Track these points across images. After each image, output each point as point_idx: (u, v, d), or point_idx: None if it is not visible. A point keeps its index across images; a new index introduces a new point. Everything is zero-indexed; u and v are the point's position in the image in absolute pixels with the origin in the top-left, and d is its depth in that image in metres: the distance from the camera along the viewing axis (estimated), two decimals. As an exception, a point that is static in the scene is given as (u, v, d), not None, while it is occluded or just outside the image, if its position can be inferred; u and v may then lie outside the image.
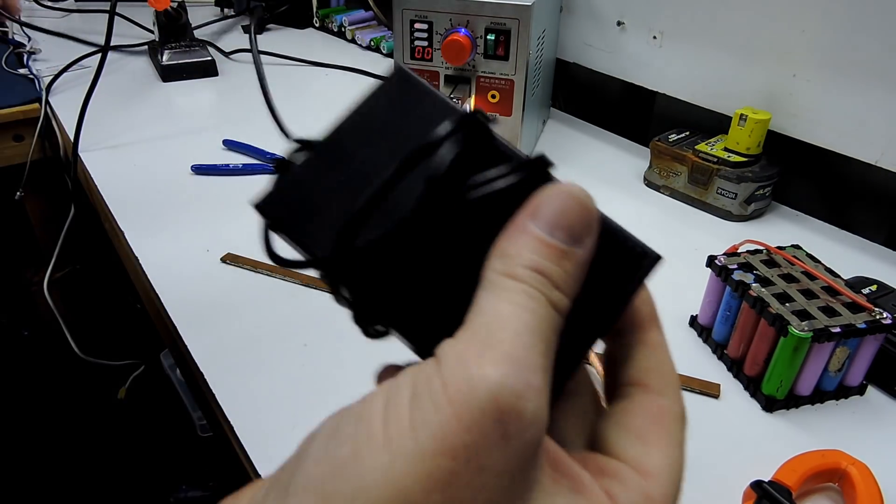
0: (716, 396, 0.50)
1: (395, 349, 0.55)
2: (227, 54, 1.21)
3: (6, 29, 1.20)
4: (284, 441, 0.45)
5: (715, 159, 0.72)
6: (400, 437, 0.16)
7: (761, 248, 0.54)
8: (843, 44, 0.66)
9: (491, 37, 0.68)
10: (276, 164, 0.22)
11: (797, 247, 0.55)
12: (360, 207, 0.20)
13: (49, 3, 1.41)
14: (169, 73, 1.08)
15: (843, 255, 0.68)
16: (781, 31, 0.71)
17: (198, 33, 1.23)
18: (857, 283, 0.56)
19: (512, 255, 0.19)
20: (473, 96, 0.72)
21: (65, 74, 1.02)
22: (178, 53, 1.09)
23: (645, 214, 0.74)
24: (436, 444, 0.16)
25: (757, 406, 0.49)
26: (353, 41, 1.31)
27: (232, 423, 0.46)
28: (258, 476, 0.43)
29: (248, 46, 1.22)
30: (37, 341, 1.47)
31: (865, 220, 0.70)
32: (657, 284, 0.67)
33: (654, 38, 0.85)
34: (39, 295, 1.08)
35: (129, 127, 0.91)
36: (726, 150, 0.73)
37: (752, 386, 0.50)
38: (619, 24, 0.89)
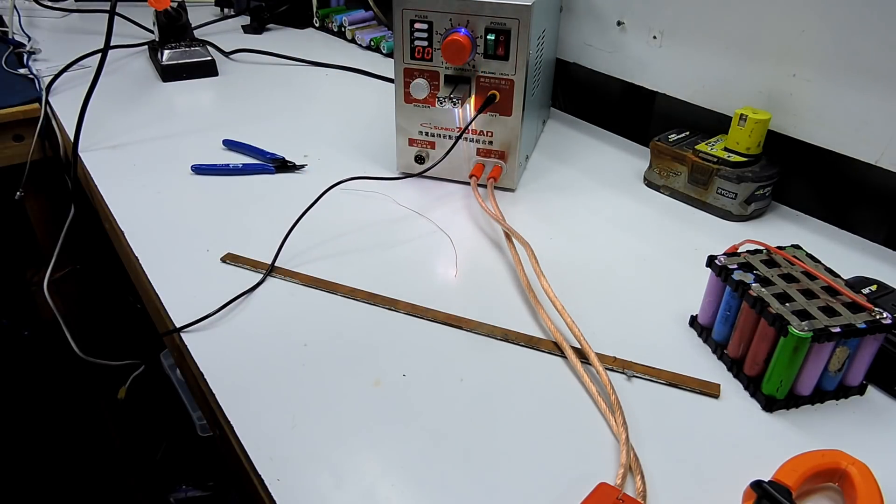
0: (716, 396, 0.50)
1: (393, 352, 0.56)
2: (227, 54, 1.21)
3: (6, 29, 1.20)
4: (284, 441, 0.45)
5: (715, 159, 0.72)
6: None
7: (761, 248, 0.54)
8: (843, 44, 0.66)
9: (491, 37, 0.68)
10: None
11: (797, 247, 0.55)
12: None
13: (49, 3, 1.41)
14: (169, 73, 1.08)
15: (843, 255, 0.68)
16: (781, 31, 0.71)
17: (198, 33, 1.23)
18: (857, 283, 0.56)
19: None
20: (473, 96, 0.72)
21: (65, 74, 1.02)
22: (178, 53, 1.09)
23: (645, 214, 0.74)
24: None
25: (757, 406, 0.49)
26: (353, 41, 1.31)
27: (232, 423, 0.46)
28: (258, 476, 0.43)
29: (248, 46, 1.22)
30: (37, 341, 1.47)
31: (865, 220, 0.70)
32: (658, 284, 0.68)
33: (654, 38, 0.85)
34: (39, 295, 1.08)
35: (129, 127, 0.91)
36: (726, 150, 0.73)
37: (752, 386, 0.50)
38: (619, 24, 0.89)
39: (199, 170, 0.79)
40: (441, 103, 0.70)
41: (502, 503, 0.41)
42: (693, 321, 0.57)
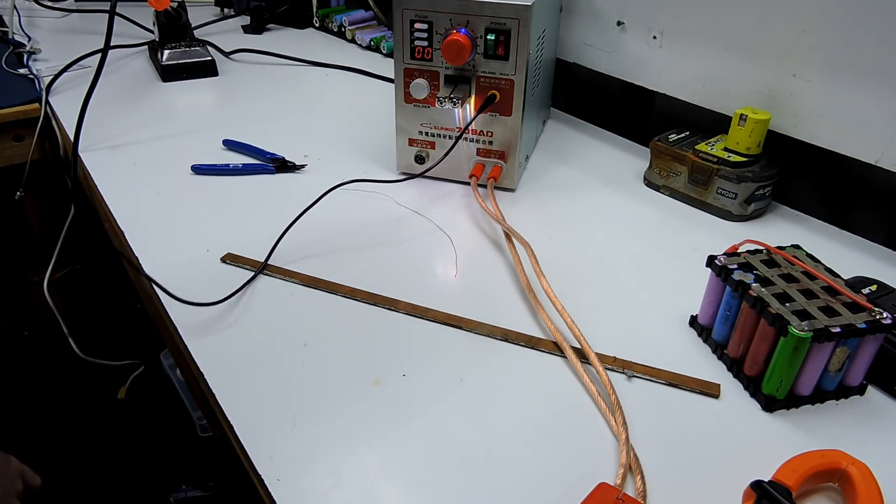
0: (716, 396, 0.50)
1: (393, 352, 0.56)
2: (227, 54, 1.21)
3: (6, 29, 1.20)
4: (284, 441, 0.45)
5: (715, 159, 0.72)
6: None
7: (761, 248, 0.54)
8: (843, 44, 0.66)
9: (491, 37, 0.68)
10: None
11: (797, 247, 0.55)
12: None
13: (49, 3, 1.41)
14: (169, 73, 1.08)
15: (843, 255, 0.68)
16: (781, 31, 0.71)
17: (198, 33, 1.23)
18: (857, 283, 0.56)
19: None
20: (473, 96, 0.72)
21: (65, 74, 1.02)
22: (178, 53, 1.09)
23: (645, 214, 0.74)
24: None
25: (757, 406, 0.49)
26: (353, 41, 1.31)
27: (232, 423, 0.46)
28: (258, 476, 0.43)
29: (248, 46, 1.22)
30: (37, 341, 1.47)
31: (865, 220, 0.70)
32: (658, 284, 0.68)
33: (654, 38, 0.85)
34: (39, 295, 1.08)
35: (129, 127, 0.91)
36: (726, 150, 0.73)
37: (752, 386, 0.50)
38: (619, 24, 0.88)
39: (199, 170, 0.79)
40: (441, 103, 0.70)
41: (502, 503, 0.41)
42: (693, 321, 0.57)
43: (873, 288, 0.56)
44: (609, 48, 0.91)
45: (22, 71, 1.06)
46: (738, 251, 0.54)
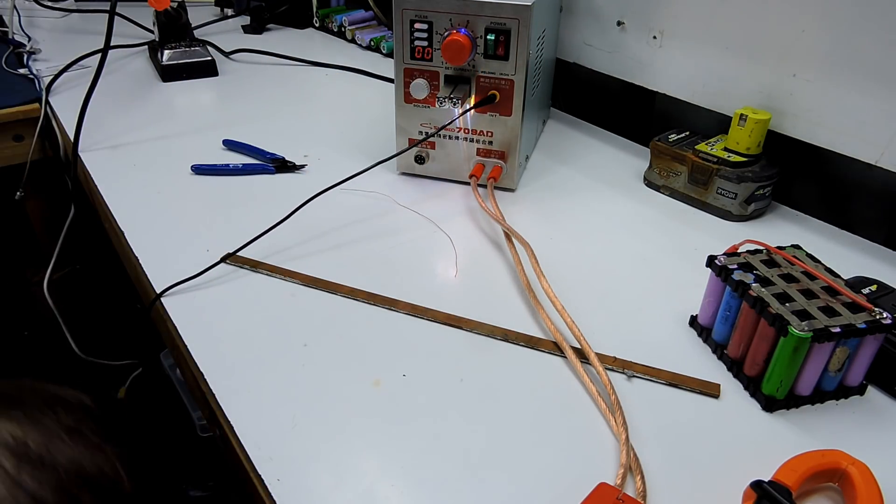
0: (716, 396, 0.50)
1: (393, 352, 0.56)
2: (227, 54, 1.21)
3: (6, 29, 1.20)
4: (284, 441, 0.45)
5: (715, 159, 0.72)
6: None
7: (761, 248, 0.54)
8: (843, 44, 0.66)
9: (491, 37, 0.68)
10: None
11: (797, 247, 0.55)
12: None
13: (49, 3, 1.41)
14: (169, 73, 1.08)
15: (843, 255, 0.68)
16: (781, 31, 0.71)
17: (198, 33, 1.23)
18: (857, 283, 0.56)
19: None
20: (473, 96, 0.72)
21: (65, 74, 1.02)
22: (178, 53, 1.09)
23: (645, 214, 0.74)
24: None
25: (757, 406, 0.49)
26: (353, 41, 1.31)
27: (232, 423, 0.46)
28: (258, 476, 0.43)
29: (248, 46, 1.22)
30: (37, 341, 1.47)
31: (865, 220, 0.70)
32: (658, 284, 0.68)
33: (654, 38, 0.85)
34: (39, 295, 1.08)
35: (129, 127, 0.91)
36: (726, 150, 0.73)
37: (752, 386, 0.50)
38: (619, 24, 0.88)
39: (199, 170, 0.79)
40: (441, 103, 0.70)
41: (502, 503, 0.41)
42: (693, 321, 0.57)
43: (873, 288, 0.56)
44: (609, 48, 0.91)
45: (22, 71, 1.06)
46: (738, 251, 0.54)
